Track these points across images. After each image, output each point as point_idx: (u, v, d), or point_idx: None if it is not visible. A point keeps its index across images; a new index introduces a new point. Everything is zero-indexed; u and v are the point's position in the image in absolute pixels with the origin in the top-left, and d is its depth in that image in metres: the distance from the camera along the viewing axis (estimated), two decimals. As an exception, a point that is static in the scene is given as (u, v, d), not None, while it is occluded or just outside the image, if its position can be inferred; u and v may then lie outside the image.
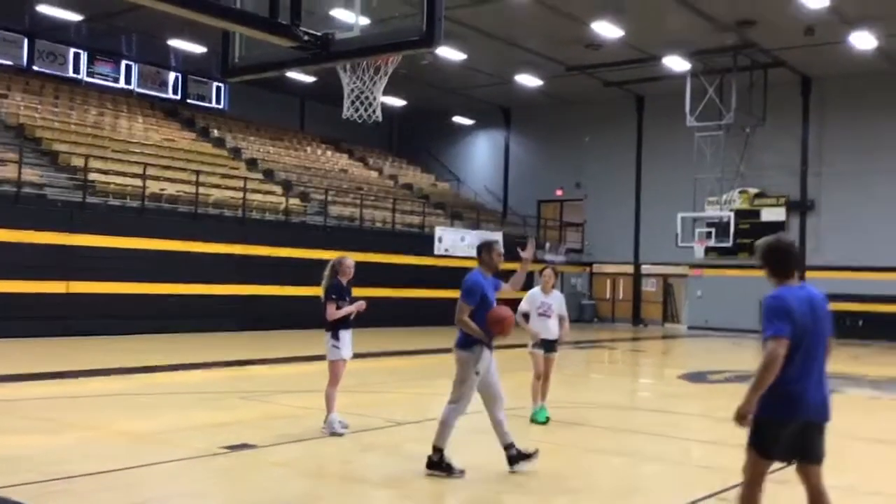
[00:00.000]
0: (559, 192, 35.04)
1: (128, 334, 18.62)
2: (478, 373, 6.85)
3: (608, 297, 33.98)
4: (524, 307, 9.57)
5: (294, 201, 25.77)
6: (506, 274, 7.28)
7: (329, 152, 33.48)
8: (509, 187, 36.84)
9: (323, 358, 8.70)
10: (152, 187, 21.67)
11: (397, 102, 33.17)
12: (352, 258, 8.71)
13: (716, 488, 6.70)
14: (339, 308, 8.40)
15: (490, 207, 35.94)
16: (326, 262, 8.75)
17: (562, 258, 33.34)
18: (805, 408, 4.49)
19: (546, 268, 9.94)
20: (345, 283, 8.52)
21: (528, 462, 7.06)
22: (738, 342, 25.11)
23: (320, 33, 6.26)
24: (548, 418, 9.38)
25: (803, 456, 4.66)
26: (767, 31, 24.65)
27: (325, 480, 6.88)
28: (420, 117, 36.85)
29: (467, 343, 6.84)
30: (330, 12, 17.78)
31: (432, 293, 27.17)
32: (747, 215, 29.91)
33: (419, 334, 22.90)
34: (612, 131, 33.33)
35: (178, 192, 22.20)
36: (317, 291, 8.67)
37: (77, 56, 28.67)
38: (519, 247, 7.16)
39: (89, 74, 29.00)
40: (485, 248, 7.14)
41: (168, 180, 22.62)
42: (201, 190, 22.49)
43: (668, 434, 9.12)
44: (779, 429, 4.51)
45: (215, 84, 32.51)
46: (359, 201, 27.54)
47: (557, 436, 8.85)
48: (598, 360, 19.97)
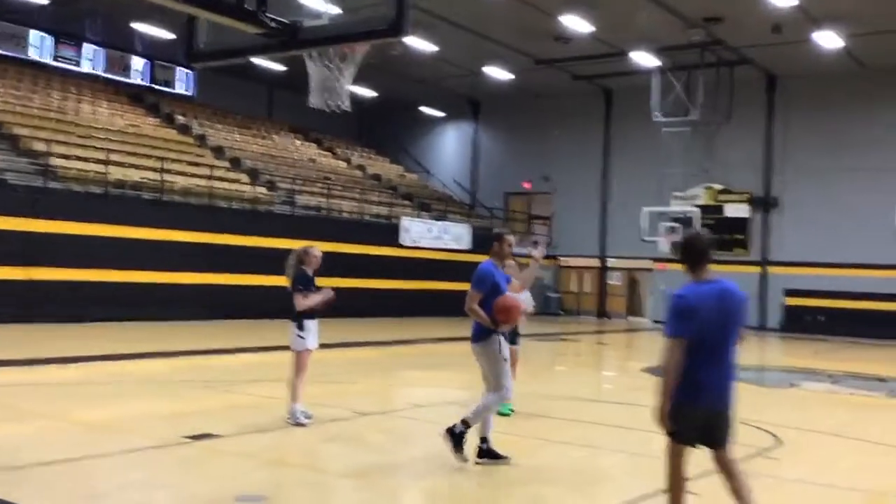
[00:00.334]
0: (526, 185, 35.15)
1: (89, 322, 18.37)
2: (505, 359, 6.93)
3: (574, 290, 34.20)
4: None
5: (261, 190, 25.59)
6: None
7: (297, 141, 33.27)
8: (478, 180, 36.89)
9: (289, 348, 8.66)
10: (116, 174, 21.38)
11: (367, 93, 33.03)
12: (318, 248, 8.66)
13: (675, 480, 6.77)
14: (306, 298, 8.35)
15: (458, 199, 35.97)
16: (293, 251, 8.70)
17: (528, 251, 33.40)
18: (709, 397, 4.79)
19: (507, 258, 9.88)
20: (310, 272, 8.48)
21: (496, 462, 7.06)
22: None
23: (288, 21, 6.22)
24: (512, 410, 9.41)
25: (709, 442, 4.92)
26: (734, 29, 24.89)
27: (287, 470, 6.86)
28: (389, 108, 36.73)
29: (482, 335, 6.91)
30: (299, 0, 17.67)
31: (399, 284, 27.17)
32: (712, 211, 30.23)
33: (385, 325, 22.88)
34: (581, 125, 33.49)
35: (143, 178, 21.93)
36: (283, 281, 8.61)
37: (41, 39, 28.13)
38: (530, 246, 7.21)
39: (53, 58, 28.47)
40: (496, 238, 7.21)
41: (132, 167, 22.32)
42: (166, 177, 22.24)
43: (629, 426, 9.21)
44: (685, 414, 4.74)
45: (182, 70, 32.09)
46: (326, 191, 27.41)
47: (520, 427, 8.89)
48: (563, 352, 20.10)
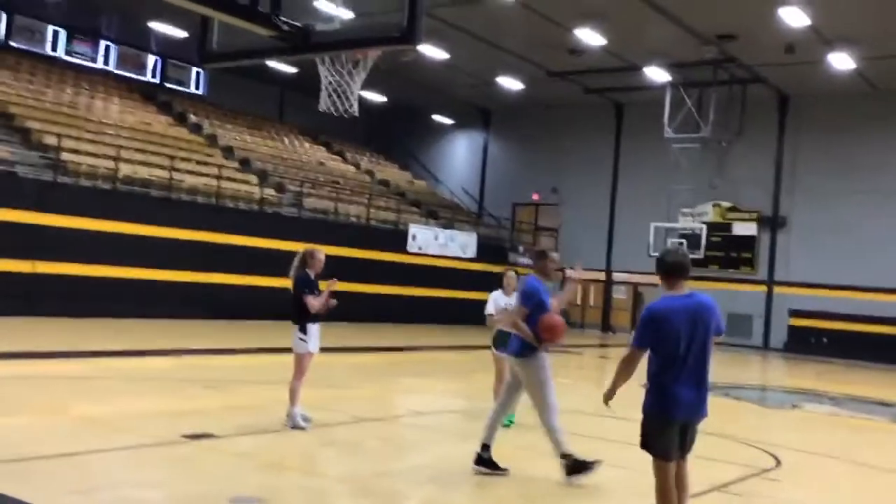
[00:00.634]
0: (535, 197, 35.13)
1: (93, 317, 18.38)
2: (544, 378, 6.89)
3: (579, 302, 34.13)
4: (489, 309, 9.55)
5: (269, 191, 25.61)
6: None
7: (307, 144, 33.32)
8: (486, 189, 36.89)
9: (290, 350, 8.65)
10: (126, 170, 21.42)
11: (377, 98, 33.07)
12: (323, 251, 8.65)
13: (673, 497, 6.72)
14: (315, 299, 8.36)
15: (466, 208, 35.97)
16: (297, 253, 8.69)
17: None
18: (684, 409, 4.93)
19: (508, 269, 9.88)
20: (313, 275, 8.46)
21: (493, 472, 7.03)
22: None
23: (301, 24, 6.22)
24: (511, 422, 9.37)
25: (680, 450, 5.08)
26: (748, 47, 24.87)
27: (283, 473, 6.84)
28: (400, 114, 36.77)
29: (525, 350, 6.89)
30: (313, 3, 17.71)
31: (404, 290, 27.14)
32: (719, 228, 30.17)
33: (389, 331, 22.86)
34: (591, 138, 33.46)
35: (152, 176, 21.97)
36: (287, 283, 8.61)
37: (56, 34, 28.25)
38: (570, 268, 7.23)
39: (67, 53, 28.59)
40: (541, 255, 7.30)
41: (142, 164, 22.38)
42: (175, 175, 22.28)
43: (631, 441, 9.14)
44: (662, 429, 4.93)
45: (195, 69, 32.19)
46: (334, 195, 27.42)
47: (520, 439, 8.86)
48: (566, 365, 20.03)
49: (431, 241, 27.94)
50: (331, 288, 8.41)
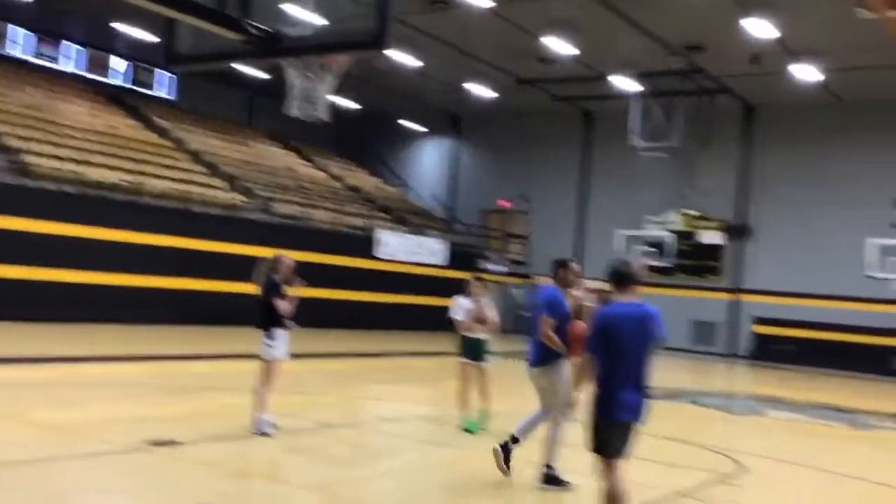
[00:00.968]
0: (505, 203, 35.24)
1: (58, 322, 18.12)
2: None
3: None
4: (456, 314, 9.54)
5: (238, 196, 25.46)
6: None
7: (276, 149, 33.16)
8: (456, 195, 36.96)
9: (257, 357, 8.60)
10: (92, 174, 21.17)
11: (347, 104, 33.02)
12: (290, 256, 8.63)
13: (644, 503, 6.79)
14: (285, 302, 8.37)
15: (436, 214, 35.99)
16: (264, 259, 8.66)
17: (504, 268, 33.53)
18: (628, 412, 5.21)
19: (473, 276, 9.87)
20: (279, 280, 8.45)
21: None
22: (669, 360, 25.54)
23: (270, 29, 6.21)
24: (476, 429, 9.39)
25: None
26: (715, 58, 25.18)
27: (248, 481, 6.80)
28: (370, 120, 36.73)
29: (548, 358, 6.95)
30: (283, 8, 17.66)
31: (373, 297, 27.10)
32: (687, 236, 30.44)
33: (358, 337, 22.80)
34: (560, 146, 33.67)
35: (120, 180, 21.73)
36: (255, 289, 8.57)
37: (22, 35, 27.87)
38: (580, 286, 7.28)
39: (34, 55, 28.23)
40: (562, 265, 7.30)
41: (109, 168, 22.13)
42: (143, 180, 22.06)
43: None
44: (609, 428, 5.19)
45: (163, 73, 31.93)
46: (304, 200, 27.30)
47: (486, 445, 8.88)
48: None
49: (401, 248, 27.92)
50: (298, 290, 8.41)
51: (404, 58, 26.33)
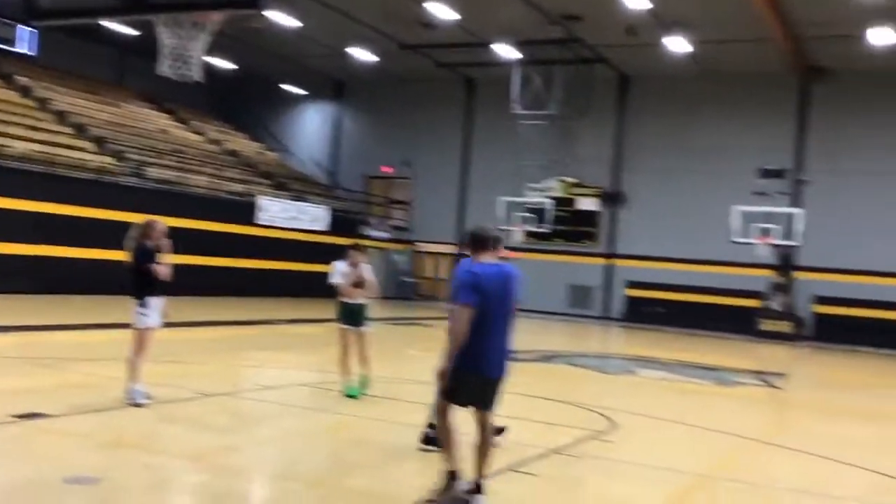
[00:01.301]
0: (387, 170, 35.13)
1: None
2: None
3: (430, 275, 34.54)
4: (336, 279, 9.48)
5: (107, 160, 24.35)
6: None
7: (148, 110, 31.84)
8: (338, 161, 36.56)
9: (129, 326, 8.32)
10: (-55, 134, 19.80)
11: (225, 65, 32.01)
12: (162, 222, 8.35)
13: (513, 461, 6.98)
14: (160, 267, 8.13)
15: (317, 180, 35.52)
16: (135, 224, 8.35)
17: (386, 235, 33.51)
18: (486, 366, 5.44)
19: (353, 242, 9.82)
20: (152, 246, 8.17)
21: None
22: (546, 323, 26.26)
23: (138, -18, 5.92)
24: (359, 394, 9.41)
25: (480, 405, 5.56)
26: (592, 28, 25.73)
27: (121, 452, 6.58)
28: (249, 82, 35.76)
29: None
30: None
31: (253, 263, 26.60)
32: (565, 203, 31.23)
33: (237, 305, 22.36)
34: (443, 112, 33.76)
35: (-24, 141, 20.43)
36: (125, 256, 8.26)
37: None
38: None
39: None
40: (473, 238, 7.23)
41: (-36, 128, 20.74)
42: (3, 142, 20.78)
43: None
44: (463, 380, 5.39)
45: (24, 28, 29.97)
46: (179, 164, 26.39)
47: (369, 410, 8.92)
48: (415, 336, 20.27)
49: (282, 214, 27.45)
50: (166, 252, 8.18)
51: (282, 18, 25.66)
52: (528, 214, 29.43)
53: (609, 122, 30.93)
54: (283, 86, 36.08)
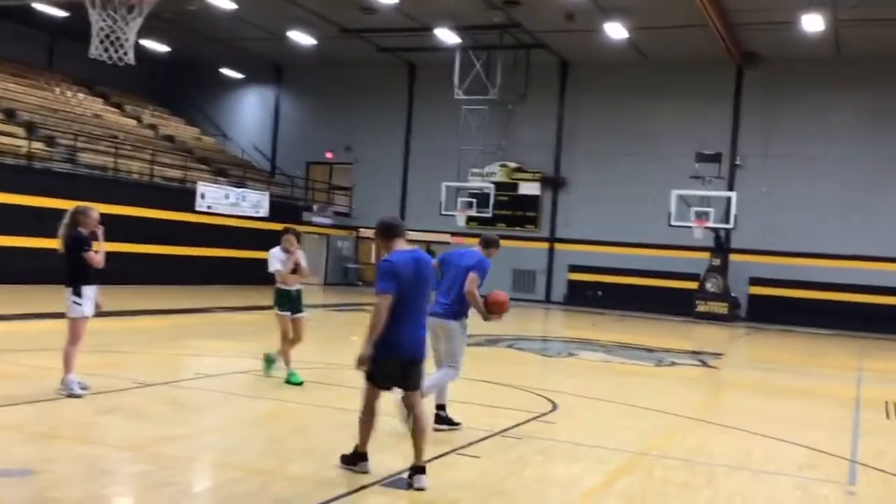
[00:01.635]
0: (329, 155, 34.87)
1: None
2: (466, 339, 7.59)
3: (373, 261, 34.43)
4: (275, 266, 9.42)
5: (38, 145, 23.67)
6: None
7: (81, 95, 31.01)
8: (278, 147, 36.13)
9: (62, 315, 8.13)
10: None
11: (160, 48, 31.33)
12: (95, 208, 8.16)
13: (461, 444, 7.03)
14: (96, 254, 7.96)
15: (257, 166, 35.08)
16: (67, 211, 8.15)
17: (329, 221, 33.29)
18: (404, 349, 5.74)
19: (288, 229, 9.76)
20: (85, 234, 7.99)
21: (452, 428, 7.47)
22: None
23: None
24: (299, 380, 9.36)
25: (403, 386, 5.84)
26: (531, 14, 25.85)
27: (57, 443, 6.44)
28: (185, 66, 35.08)
29: (460, 314, 7.55)
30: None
31: (192, 251, 26.19)
32: (506, 188, 31.42)
33: (176, 293, 22.00)
34: (384, 97, 33.59)
35: None
36: (57, 244, 8.07)
37: None
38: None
39: None
40: (495, 243, 7.99)
41: None
42: (-74, 126, 20.07)
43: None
44: (383, 364, 5.70)
45: (-52, 8, 28.90)
46: (113, 150, 25.80)
47: (311, 396, 8.88)
48: (358, 322, 20.21)
49: (221, 200, 27.05)
50: (102, 239, 8.01)
51: (219, 0, 25.19)
52: (470, 199, 29.52)
53: (550, 107, 31.15)
54: (221, 69, 35.47)
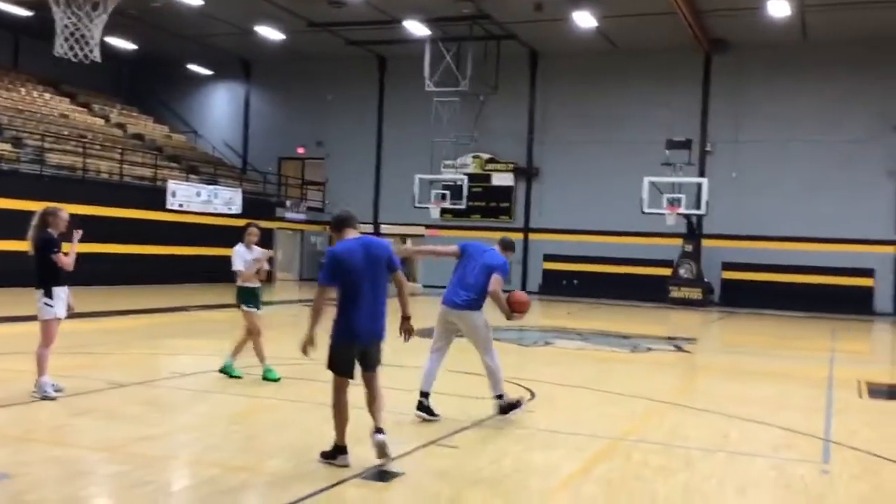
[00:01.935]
0: (301, 150, 34.70)
1: None
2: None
3: (347, 255, 34.32)
4: (237, 265, 9.43)
5: (5, 146, 23.34)
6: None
7: (47, 95, 30.60)
8: (249, 143, 35.88)
9: (34, 318, 8.04)
10: None
11: (126, 46, 30.98)
12: (65, 209, 8.08)
13: (440, 435, 7.05)
14: (66, 257, 7.89)
15: (229, 163, 34.83)
16: (36, 213, 8.05)
17: (302, 216, 33.16)
18: (358, 335, 5.94)
19: (251, 224, 9.81)
20: (55, 235, 7.91)
21: (431, 418, 7.60)
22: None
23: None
24: (276, 376, 9.35)
25: (363, 368, 6.08)
26: (500, 4, 25.86)
27: (32, 446, 6.38)
28: (153, 64, 34.72)
29: (480, 306, 7.86)
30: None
31: (165, 250, 25.98)
32: (480, 179, 31.45)
33: (149, 292, 21.81)
34: (355, 91, 33.47)
35: None
36: (27, 246, 7.98)
37: None
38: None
39: None
40: (512, 246, 8.29)
41: None
42: None
43: (399, 387, 9.40)
44: (342, 352, 5.93)
45: None
46: (81, 150, 25.50)
47: (287, 392, 8.86)
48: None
49: (193, 198, 26.82)
50: (76, 241, 7.93)
51: (185, -4, 24.96)
52: (443, 191, 29.53)
53: (521, 97, 31.19)
54: (189, 66, 35.13)
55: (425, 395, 7.65)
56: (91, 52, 6.48)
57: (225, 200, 27.98)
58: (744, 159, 28.46)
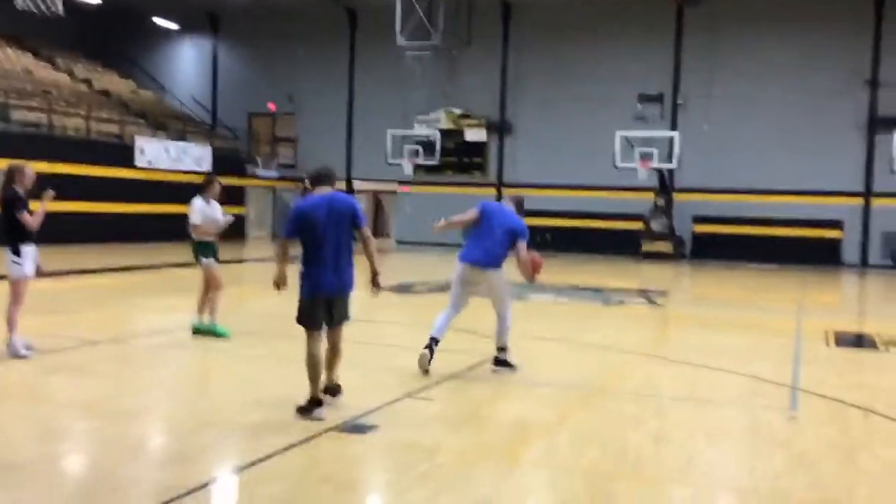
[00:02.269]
0: (271, 106, 34.26)
1: None
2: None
3: (320, 212, 34.15)
4: (196, 219, 9.27)
5: (-33, 103, 22.83)
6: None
7: (9, 50, 29.84)
8: (218, 99, 35.35)
9: (2, 277, 7.94)
10: None
11: (90, -1, 30.24)
12: (32, 166, 7.93)
13: (414, 388, 7.10)
14: (33, 216, 7.75)
15: (198, 119, 34.33)
16: (1, 170, 7.91)
17: (274, 173, 32.87)
18: (328, 288, 6.11)
19: (212, 177, 9.63)
20: (22, 193, 7.77)
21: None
22: (441, 255, 26.48)
23: None
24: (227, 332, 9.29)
25: (329, 322, 6.24)
26: (473, -44, 25.49)
27: (4, 404, 6.34)
28: (117, 17, 33.91)
29: (501, 265, 8.12)
30: None
31: (135, 207, 25.67)
32: (453, 135, 31.26)
33: (120, 251, 21.60)
34: (326, 46, 32.99)
35: None
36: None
37: None
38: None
39: None
40: (524, 206, 8.48)
41: None
42: None
43: (372, 342, 9.45)
44: (308, 305, 6.13)
45: None
46: (46, 106, 24.98)
47: (262, 348, 8.85)
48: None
49: (162, 155, 26.49)
50: (46, 201, 7.79)
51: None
52: (416, 147, 29.37)
53: (493, 51, 30.93)
54: (154, 19, 34.37)
55: (436, 341, 7.76)
56: (54, 5, 6.30)
57: (195, 157, 27.65)
58: (715, 113, 28.53)
